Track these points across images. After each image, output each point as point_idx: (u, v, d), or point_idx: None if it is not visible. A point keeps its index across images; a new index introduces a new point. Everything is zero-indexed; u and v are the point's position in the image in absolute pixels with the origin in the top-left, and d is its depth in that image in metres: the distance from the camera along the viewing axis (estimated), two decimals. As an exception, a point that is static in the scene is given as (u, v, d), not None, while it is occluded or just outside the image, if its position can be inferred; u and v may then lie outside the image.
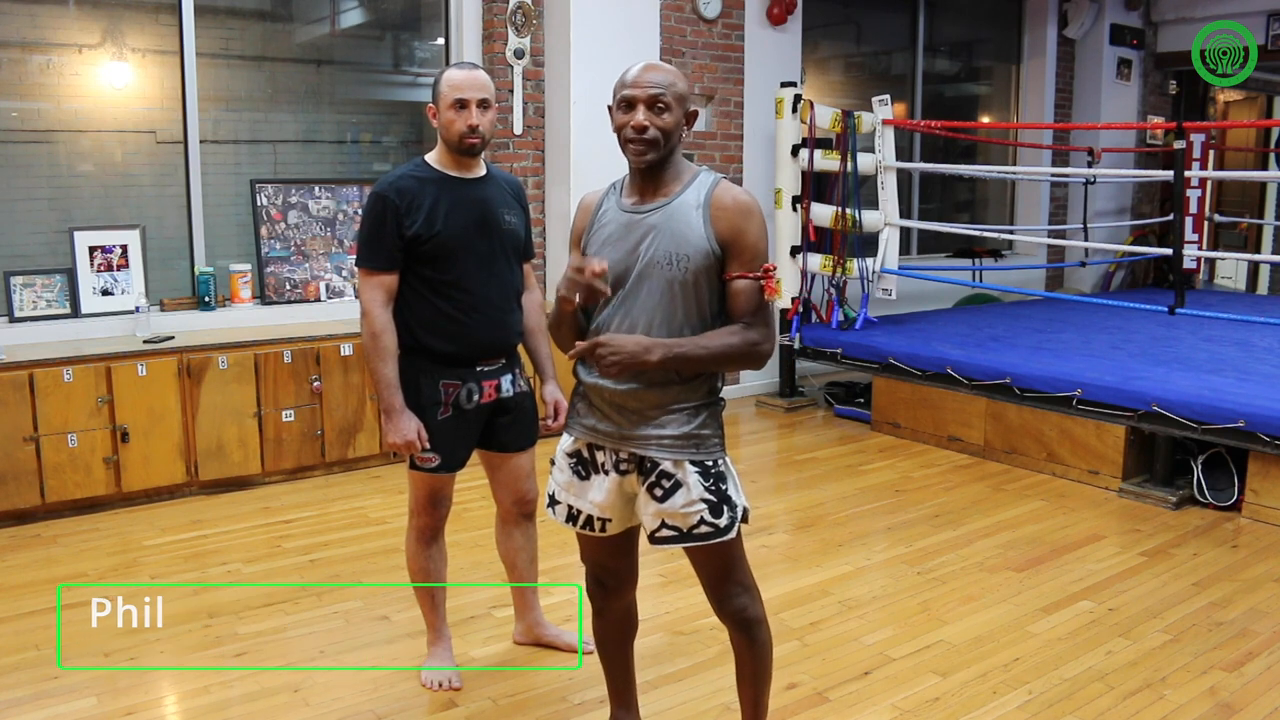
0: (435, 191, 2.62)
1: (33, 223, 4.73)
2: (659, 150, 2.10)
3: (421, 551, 2.81)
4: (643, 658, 3.01)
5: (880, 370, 5.68)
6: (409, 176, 2.64)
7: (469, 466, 2.79)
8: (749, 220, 2.12)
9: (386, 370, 2.59)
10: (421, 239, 2.58)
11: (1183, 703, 2.81)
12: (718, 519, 2.14)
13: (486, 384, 2.72)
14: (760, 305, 2.13)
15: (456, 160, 2.67)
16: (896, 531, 4.13)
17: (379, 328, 2.59)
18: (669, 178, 2.16)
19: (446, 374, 2.66)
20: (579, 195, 2.51)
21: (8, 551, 3.84)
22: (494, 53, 5.57)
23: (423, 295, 2.63)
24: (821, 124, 5.94)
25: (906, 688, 2.87)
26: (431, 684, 2.83)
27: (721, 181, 2.17)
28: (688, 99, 2.18)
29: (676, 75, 2.15)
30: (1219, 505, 4.40)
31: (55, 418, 4.10)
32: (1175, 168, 5.32)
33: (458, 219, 2.62)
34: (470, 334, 2.66)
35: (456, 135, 2.60)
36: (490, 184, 2.73)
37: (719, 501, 2.14)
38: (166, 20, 4.89)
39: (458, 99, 2.59)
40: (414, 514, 2.79)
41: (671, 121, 2.10)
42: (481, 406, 2.72)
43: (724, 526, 2.15)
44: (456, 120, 2.59)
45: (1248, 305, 7.54)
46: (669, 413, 2.14)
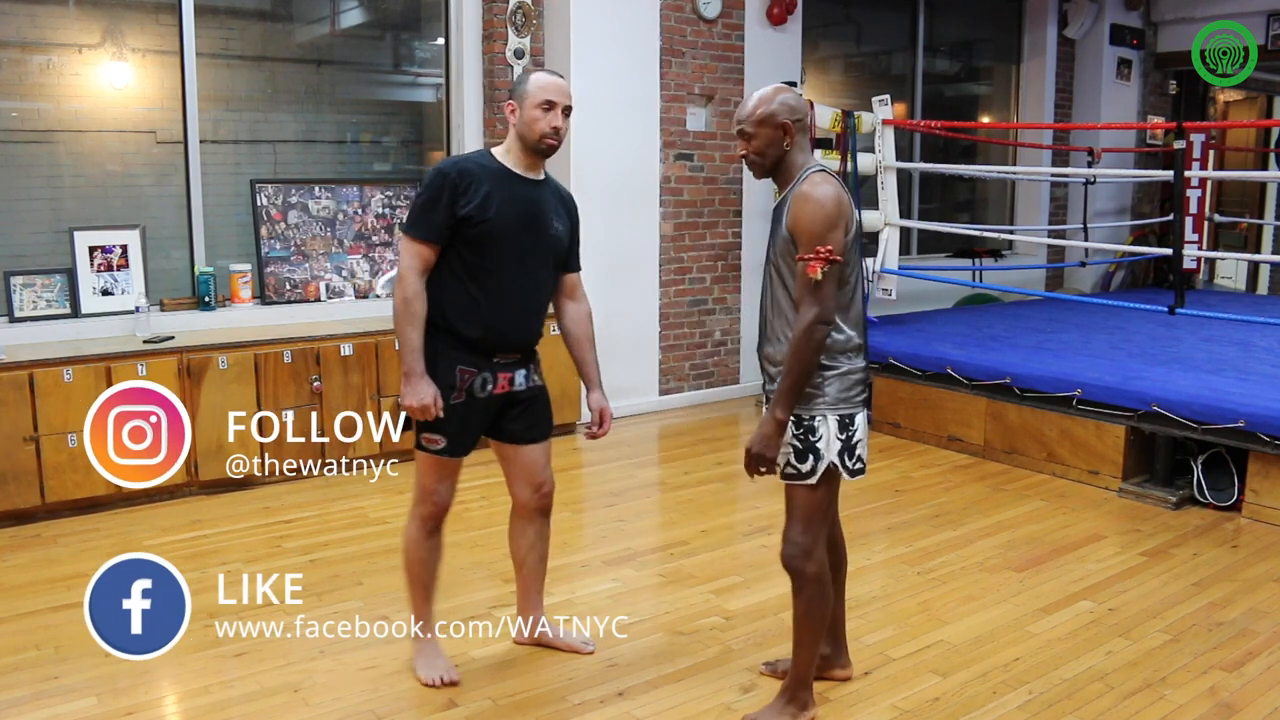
0: (494, 181, 2.69)
1: (33, 223, 4.73)
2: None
3: (423, 541, 2.83)
4: (643, 658, 3.02)
5: (880, 370, 5.68)
6: (473, 161, 2.74)
7: (469, 467, 2.79)
8: (800, 206, 2.46)
9: (413, 335, 2.65)
10: (473, 221, 2.65)
11: (1183, 703, 2.81)
12: (801, 464, 2.53)
13: (502, 375, 2.77)
14: (808, 286, 2.43)
15: (525, 159, 2.75)
16: (896, 531, 4.13)
17: (411, 293, 2.65)
18: (784, 179, 2.59)
19: (465, 359, 2.72)
20: (579, 195, 2.64)
21: (8, 551, 3.84)
22: (494, 53, 5.57)
23: (459, 277, 2.69)
24: (822, 124, 5.93)
25: (906, 688, 2.87)
26: (431, 680, 2.84)
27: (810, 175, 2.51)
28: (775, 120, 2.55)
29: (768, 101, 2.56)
30: (1219, 505, 4.40)
31: (55, 418, 4.10)
32: (1175, 168, 5.31)
33: (509, 211, 2.69)
34: (495, 324, 2.72)
35: (538, 134, 2.69)
36: (547, 189, 2.82)
37: (804, 449, 2.51)
38: (166, 20, 4.89)
39: (547, 100, 2.69)
40: (418, 501, 2.82)
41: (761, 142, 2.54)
42: (494, 397, 2.77)
43: (805, 471, 2.53)
44: (541, 120, 2.69)
45: (1248, 305, 7.54)
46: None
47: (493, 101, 5.61)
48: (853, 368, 2.54)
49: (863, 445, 2.59)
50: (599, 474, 5.00)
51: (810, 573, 2.57)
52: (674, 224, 6.05)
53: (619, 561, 3.78)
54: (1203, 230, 8.08)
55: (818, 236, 2.41)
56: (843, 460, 2.54)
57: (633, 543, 3.99)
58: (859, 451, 2.57)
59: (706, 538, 4.03)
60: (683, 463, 5.10)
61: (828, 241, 2.42)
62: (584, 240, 3.01)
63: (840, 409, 2.53)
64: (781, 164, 2.55)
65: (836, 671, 2.88)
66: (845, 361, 2.53)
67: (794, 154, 2.54)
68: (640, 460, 5.28)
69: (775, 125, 2.51)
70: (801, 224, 2.44)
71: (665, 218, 6.01)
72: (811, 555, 2.57)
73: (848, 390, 2.53)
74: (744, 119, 2.55)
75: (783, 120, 2.52)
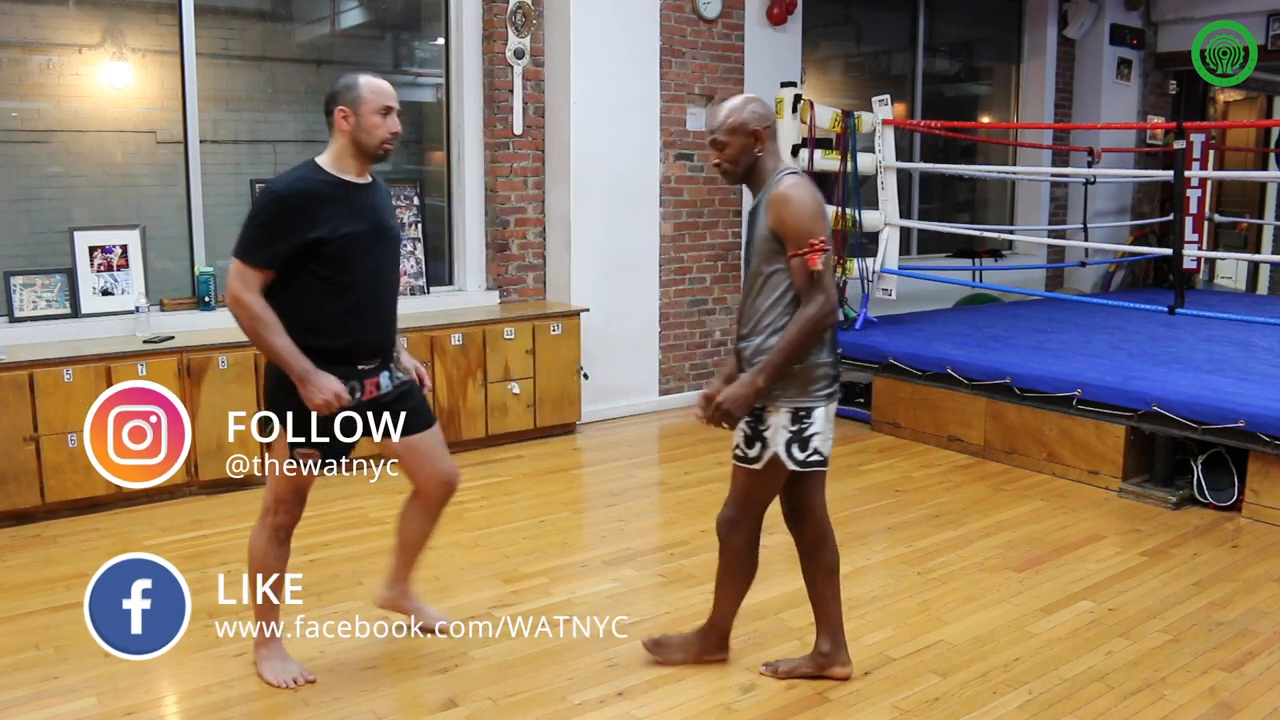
0: (334, 196, 2.69)
1: (33, 223, 4.73)
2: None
3: (272, 551, 2.83)
4: (643, 658, 3.02)
5: (880, 370, 5.68)
6: (306, 180, 2.70)
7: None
8: (783, 207, 2.57)
9: (283, 340, 2.64)
10: (325, 241, 2.65)
11: (1183, 703, 2.81)
12: (749, 449, 2.69)
13: (368, 381, 2.79)
14: (809, 278, 2.54)
15: (358, 164, 2.74)
16: (896, 531, 4.13)
17: (258, 308, 2.64)
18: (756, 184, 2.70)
19: (331, 371, 2.71)
20: (579, 195, 2.68)
21: (8, 551, 3.84)
22: (494, 53, 5.57)
23: (317, 294, 2.69)
24: (821, 124, 5.94)
25: (906, 688, 2.87)
26: (283, 683, 2.84)
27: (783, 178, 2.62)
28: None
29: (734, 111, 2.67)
30: (1219, 505, 4.40)
31: (55, 418, 4.10)
32: (1175, 168, 5.31)
33: (356, 224, 2.70)
34: (360, 333, 2.75)
35: (379, 140, 2.70)
36: (378, 191, 2.83)
37: (753, 436, 2.67)
38: (166, 20, 4.89)
39: (385, 105, 2.70)
40: (272, 511, 2.81)
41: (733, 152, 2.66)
42: (362, 404, 2.78)
43: (750, 456, 2.68)
44: (381, 125, 2.69)
45: (1248, 305, 7.55)
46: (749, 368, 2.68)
47: (493, 101, 5.61)
48: (817, 362, 2.64)
49: (820, 439, 2.67)
50: (599, 474, 5.00)
51: (732, 543, 2.81)
52: (674, 224, 6.05)
53: (619, 561, 3.78)
54: (1203, 230, 8.08)
55: (806, 232, 2.54)
56: (790, 452, 2.64)
57: (633, 543, 4.00)
58: (814, 444, 2.66)
59: (706, 538, 4.02)
60: (683, 463, 5.10)
61: (817, 234, 2.54)
62: (584, 240, 3.03)
63: (796, 401, 2.63)
64: (754, 170, 2.67)
65: (836, 670, 2.89)
66: (810, 356, 2.62)
67: (765, 159, 2.66)
68: (640, 460, 5.29)
69: (747, 133, 2.62)
70: (788, 223, 2.56)
71: (665, 218, 6.01)
72: (738, 528, 2.79)
73: (808, 384, 2.63)
74: (716, 128, 2.65)
75: (754, 128, 2.63)
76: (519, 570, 3.68)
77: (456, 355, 5.06)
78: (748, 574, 2.88)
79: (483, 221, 5.73)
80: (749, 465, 2.70)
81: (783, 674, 2.89)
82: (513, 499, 4.48)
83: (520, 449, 5.21)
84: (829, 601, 2.86)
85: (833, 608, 2.87)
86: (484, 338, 5.15)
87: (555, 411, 5.43)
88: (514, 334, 5.24)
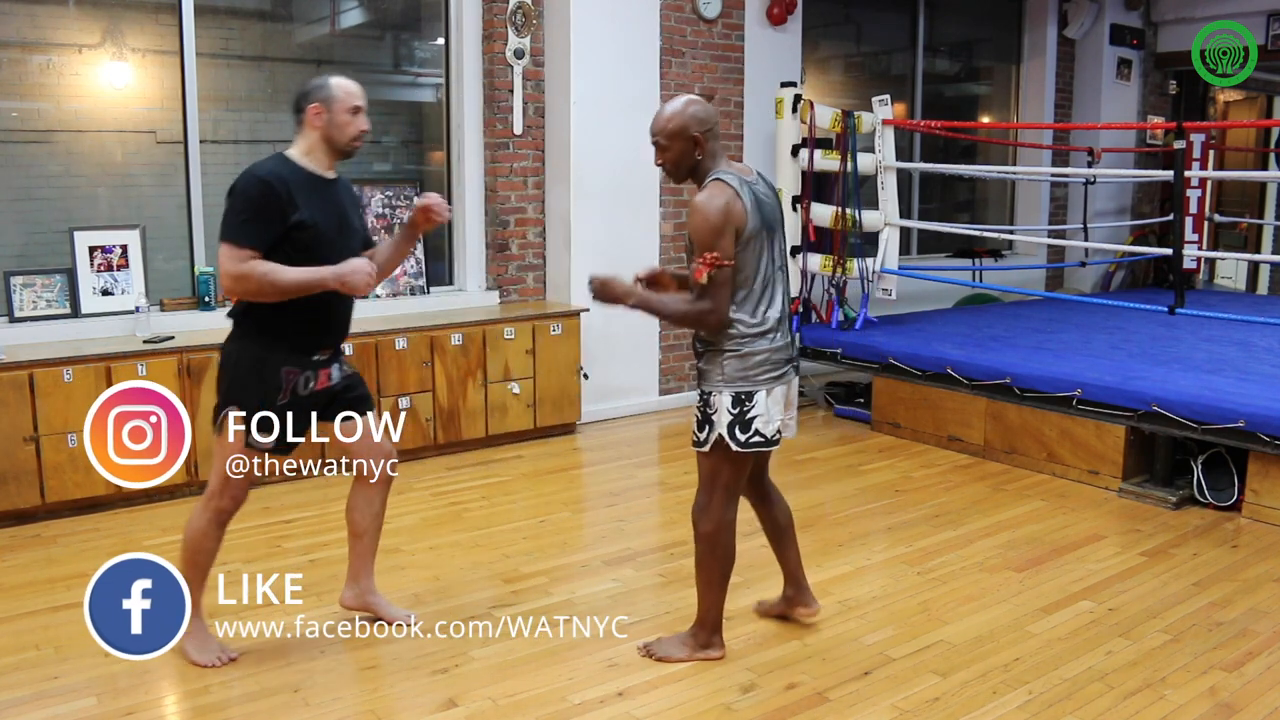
0: (306, 187, 2.79)
1: (33, 223, 4.73)
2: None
3: (211, 533, 2.91)
4: (643, 658, 3.02)
5: (880, 370, 5.68)
6: (282, 169, 2.78)
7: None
8: (691, 216, 2.74)
9: (296, 271, 2.71)
10: (304, 226, 2.74)
11: (1183, 703, 2.81)
12: (699, 433, 2.84)
13: (321, 372, 2.90)
14: (699, 287, 2.70)
15: (327, 160, 2.85)
16: (896, 531, 4.13)
17: (259, 269, 2.69)
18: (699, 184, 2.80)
19: (289, 360, 2.83)
20: (579, 195, 2.73)
21: (8, 551, 3.84)
22: (494, 53, 5.57)
23: None
24: (821, 124, 5.93)
25: (906, 688, 2.87)
26: (208, 662, 2.91)
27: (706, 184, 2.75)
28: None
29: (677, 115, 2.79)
30: (1219, 505, 4.40)
31: (55, 418, 4.10)
32: (1175, 168, 5.31)
33: (323, 215, 2.80)
34: (322, 324, 2.85)
35: (349, 136, 2.82)
36: (341, 187, 2.93)
37: (701, 420, 2.82)
38: (166, 20, 4.89)
39: (355, 105, 2.83)
40: (218, 494, 2.87)
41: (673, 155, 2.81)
42: (316, 394, 2.89)
43: (700, 440, 2.83)
44: (352, 124, 2.82)
45: (1248, 305, 7.54)
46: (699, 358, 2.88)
47: (493, 101, 5.61)
48: (754, 350, 2.77)
49: (761, 420, 2.78)
50: (599, 474, 5.00)
51: (704, 530, 2.88)
52: (674, 224, 6.05)
53: (619, 561, 3.78)
54: (1203, 230, 8.08)
55: (705, 244, 2.67)
56: (733, 433, 2.78)
57: (633, 543, 4.00)
58: (755, 426, 2.78)
59: (706, 538, 4.03)
60: (683, 463, 5.10)
61: (714, 248, 2.66)
62: (584, 240, 3.06)
63: (736, 386, 2.78)
64: (695, 172, 2.80)
65: (801, 610, 3.20)
66: (746, 344, 2.77)
67: (705, 162, 2.78)
68: (640, 460, 5.29)
69: (686, 138, 2.74)
70: (692, 232, 2.72)
71: (665, 218, 6.01)
72: (707, 514, 2.87)
73: (746, 369, 2.78)
74: (657, 132, 2.78)
75: (693, 133, 2.74)
76: (519, 570, 3.68)
77: (456, 355, 5.06)
78: (723, 561, 2.92)
79: (483, 221, 5.73)
80: (700, 449, 2.84)
81: (761, 612, 3.27)
82: (513, 499, 4.49)
83: (520, 449, 5.21)
84: (788, 550, 3.17)
85: (791, 556, 3.17)
86: (484, 338, 5.15)
87: (555, 411, 5.43)
88: (514, 334, 5.24)
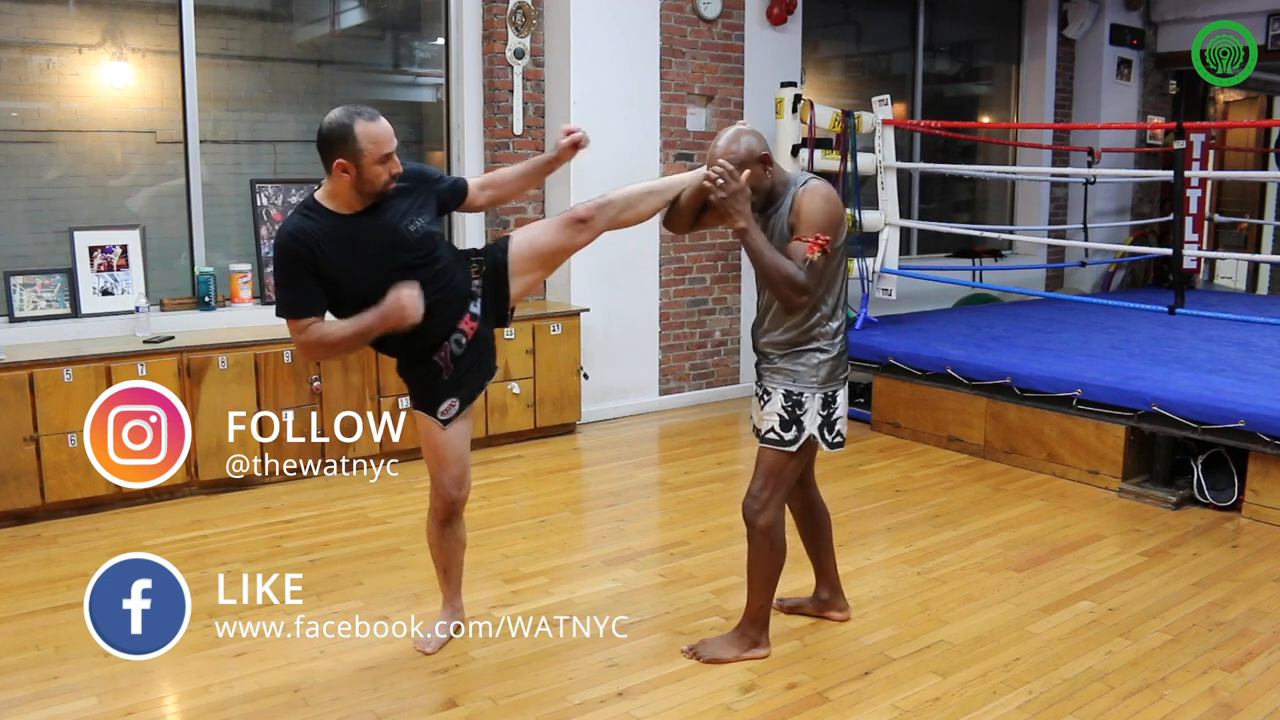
0: (335, 232, 2.65)
1: (33, 223, 4.73)
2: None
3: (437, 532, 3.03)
4: (643, 658, 3.02)
5: (880, 370, 5.68)
6: (305, 222, 2.65)
7: (476, 465, 2.80)
8: (811, 199, 2.76)
9: (346, 328, 2.67)
10: (335, 280, 2.66)
11: (1183, 703, 2.81)
12: (785, 433, 2.85)
13: (462, 324, 2.84)
14: (803, 261, 2.69)
15: (360, 204, 2.67)
16: (896, 531, 4.13)
17: (317, 333, 2.69)
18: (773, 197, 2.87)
19: (432, 354, 2.82)
20: (578, 195, 2.68)
21: (8, 551, 3.84)
22: (494, 53, 5.57)
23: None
24: (821, 124, 5.94)
25: (906, 688, 2.87)
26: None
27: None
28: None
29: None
30: (1219, 505, 4.40)
31: (55, 418, 4.10)
32: (1175, 168, 5.31)
33: (360, 252, 2.66)
34: (420, 332, 2.74)
35: (381, 184, 2.64)
36: (385, 203, 2.71)
37: (789, 420, 2.84)
38: (166, 20, 4.89)
39: (385, 154, 2.61)
40: (449, 485, 2.94)
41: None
42: (473, 341, 2.86)
43: (787, 440, 2.84)
44: (384, 173, 2.63)
45: (1248, 305, 7.54)
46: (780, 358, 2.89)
47: (493, 101, 5.61)
48: (843, 351, 2.89)
49: (842, 421, 2.92)
50: (599, 474, 5.00)
51: (760, 525, 2.88)
52: (674, 224, 6.05)
53: (619, 561, 3.78)
54: (1203, 230, 8.08)
55: (819, 227, 2.71)
56: (822, 434, 2.87)
57: (633, 543, 4.00)
58: (838, 426, 2.90)
59: (706, 538, 4.03)
60: (683, 463, 5.10)
61: (826, 233, 2.71)
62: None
63: (829, 386, 2.86)
64: (770, 191, 2.84)
65: (834, 614, 3.25)
66: (832, 347, 2.85)
67: (776, 174, 2.86)
68: (640, 460, 5.28)
69: (756, 160, 2.77)
70: (806, 212, 2.74)
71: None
72: (766, 510, 2.88)
73: (836, 371, 2.88)
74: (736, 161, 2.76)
75: (761, 153, 2.79)
76: (519, 570, 3.68)
77: (456, 355, 5.05)
78: (779, 555, 2.94)
79: (483, 221, 5.73)
80: (784, 448, 2.86)
81: (786, 609, 3.26)
82: (513, 499, 4.49)
83: (520, 449, 5.21)
84: (826, 554, 3.22)
85: (829, 561, 3.22)
86: (484, 338, 5.15)
87: (555, 411, 5.43)
88: (514, 334, 5.24)
